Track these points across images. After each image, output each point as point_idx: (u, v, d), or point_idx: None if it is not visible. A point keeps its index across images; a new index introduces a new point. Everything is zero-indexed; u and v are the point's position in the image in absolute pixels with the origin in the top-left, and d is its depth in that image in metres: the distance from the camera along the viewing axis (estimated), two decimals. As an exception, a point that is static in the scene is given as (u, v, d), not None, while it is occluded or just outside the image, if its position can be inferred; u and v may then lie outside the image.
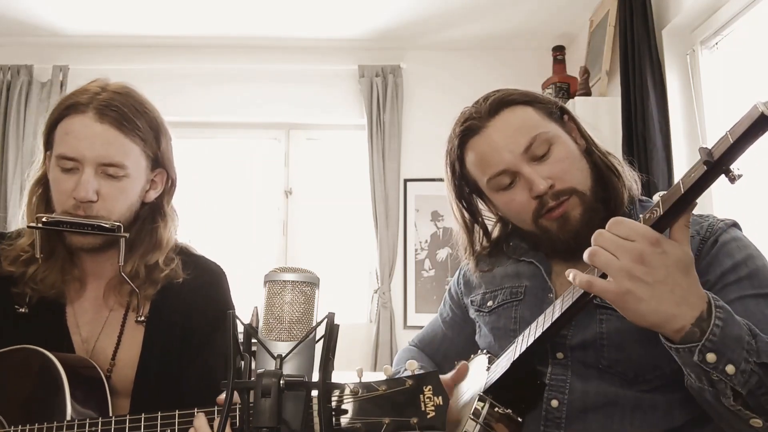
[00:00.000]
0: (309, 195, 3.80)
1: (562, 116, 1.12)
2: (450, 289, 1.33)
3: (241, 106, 3.74)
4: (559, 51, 3.52)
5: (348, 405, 0.67)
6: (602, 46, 3.06)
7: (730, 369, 0.76)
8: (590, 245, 1.03)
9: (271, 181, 3.81)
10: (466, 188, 1.19)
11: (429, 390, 0.67)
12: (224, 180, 3.76)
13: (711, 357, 0.76)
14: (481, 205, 1.22)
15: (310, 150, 3.87)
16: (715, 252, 0.97)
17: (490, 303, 1.17)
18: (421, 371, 0.73)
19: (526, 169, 1.04)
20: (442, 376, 1.07)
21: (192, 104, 3.62)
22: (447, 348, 1.30)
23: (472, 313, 1.22)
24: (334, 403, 0.67)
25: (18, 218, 3.41)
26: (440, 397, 0.67)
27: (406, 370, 1.22)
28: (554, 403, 0.99)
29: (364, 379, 0.71)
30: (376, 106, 3.66)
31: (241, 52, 3.71)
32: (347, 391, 0.68)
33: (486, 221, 1.25)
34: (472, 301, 1.23)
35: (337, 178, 3.84)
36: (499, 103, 1.09)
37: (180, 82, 3.60)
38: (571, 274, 0.83)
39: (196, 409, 0.94)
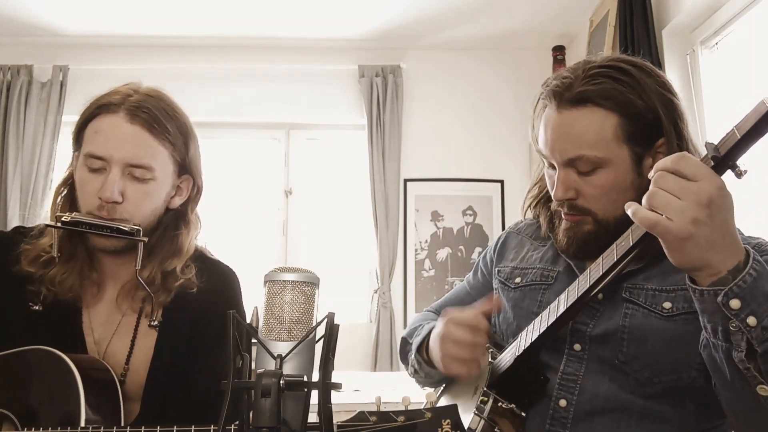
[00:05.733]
0: (309, 195, 3.80)
1: (653, 141, 1.00)
2: (485, 256, 1.30)
3: (241, 106, 3.74)
4: (559, 51, 3.52)
5: None
6: (602, 46, 3.06)
7: (751, 320, 0.74)
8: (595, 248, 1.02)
9: (271, 181, 3.81)
10: None
11: (447, 424, 0.67)
12: (224, 180, 3.76)
13: (735, 303, 0.74)
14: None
15: (310, 150, 3.87)
16: None
17: (518, 279, 1.15)
18: (441, 403, 0.72)
19: (561, 172, 1.02)
20: (469, 307, 1.07)
21: (192, 104, 3.56)
22: None
23: (496, 283, 1.20)
24: None
25: (17, 218, 3.41)
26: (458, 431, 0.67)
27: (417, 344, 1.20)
28: (563, 402, 0.99)
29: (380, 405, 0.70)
30: (376, 106, 3.66)
31: (241, 52, 3.71)
32: (364, 419, 0.67)
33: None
34: (498, 271, 1.21)
35: (337, 178, 3.84)
36: (584, 98, 0.98)
37: (180, 82, 3.59)
38: (631, 208, 0.80)
39: (212, 426, 0.94)
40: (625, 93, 0.98)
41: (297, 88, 3.75)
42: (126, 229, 1.09)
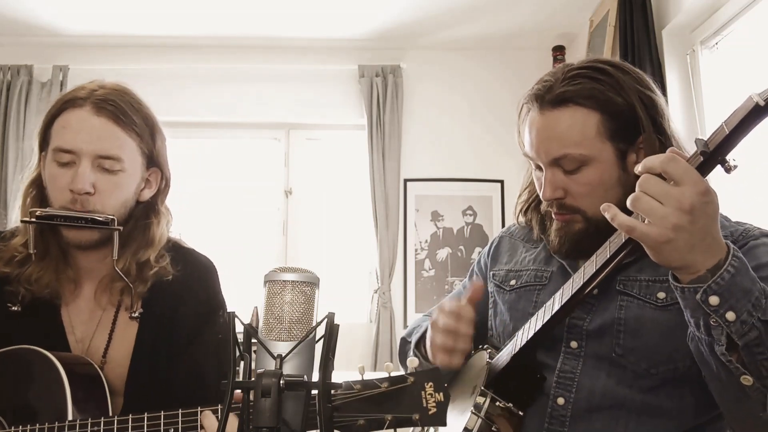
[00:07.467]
0: (309, 195, 3.80)
1: (635, 137, 1.02)
2: (479, 261, 1.32)
3: (241, 106, 3.74)
4: (559, 51, 3.53)
5: (350, 402, 0.67)
6: (602, 46, 3.06)
7: (730, 315, 0.76)
8: (594, 248, 1.03)
9: (271, 181, 3.81)
10: None
11: (430, 387, 0.68)
12: (224, 180, 3.76)
13: (714, 300, 0.76)
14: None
15: (310, 150, 3.87)
16: (743, 254, 0.96)
17: (513, 282, 1.16)
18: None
19: (547, 172, 1.04)
20: (454, 299, 1.09)
21: (192, 104, 3.62)
22: None
23: (491, 287, 1.22)
24: (336, 401, 0.67)
25: (17, 218, 3.41)
26: (441, 394, 0.68)
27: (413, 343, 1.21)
28: (560, 400, 0.99)
29: (366, 377, 0.71)
30: (376, 106, 3.66)
31: (241, 52, 3.71)
32: (350, 388, 0.68)
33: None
34: (493, 275, 1.22)
35: (337, 178, 3.84)
36: (565, 98, 1.01)
37: (180, 82, 3.60)
38: (609, 212, 0.81)
39: (199, 408, 0.95)
40: (604, 91, 1.00)
41: (297, 88, 3.75)
42: (101, 219, 1.10)
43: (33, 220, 1.10)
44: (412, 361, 0.76)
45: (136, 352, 1.17)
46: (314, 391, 0.63)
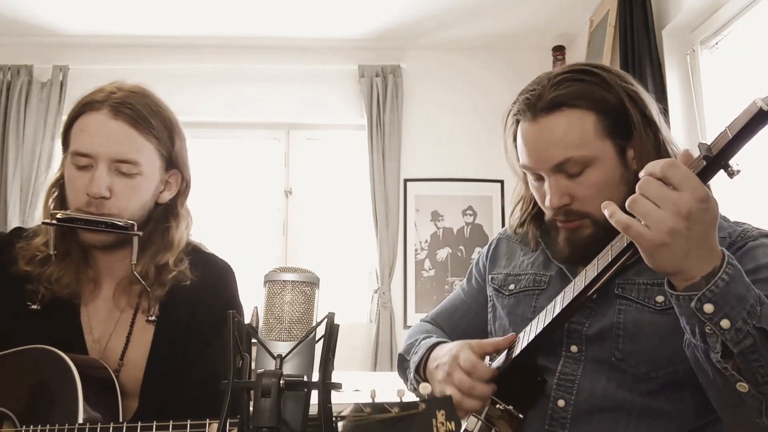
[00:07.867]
0: (309, 195, 3.80)
1: (630, 132, 1.01)
2: (477, 263, 1.30)
3: (241, 106, 3.74)
4: (559, 51, 3.53)
5: (359, 425, 0.66)
6: (602, 46, 3.06)
7: (725, 323, 0.76)
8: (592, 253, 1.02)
9: (271, 181, 3.82)
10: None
11: (442, 414, 0.67)
12: (224, 180, 3.76)
13: (708, 307, 0.76)
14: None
15: (310, 150, 3.87)
16: (740, 255, 0.95)
17: (512, 286, 1.16)
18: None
19: (550, 180, 1.02)
20: (482, 341, 1.05)
21: (192, 104, 3.62)
22: (469, 322, 1.26)
23: (490, 291, 1.21)
24: (344, 424, 0.67)
25: (17, 218, 3.41)
26: (453, 422, 0.67)
27: (419, 342, 1.20)
28: (561, 402, 0.99)
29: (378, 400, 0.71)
30: (376, 106, 3.66)
31: (241, 52, 3.71)
32: (359, 411, 0.68)
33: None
34: (492, 278, 1.21)
35: (337, 178, 3.84)
36: (558, 102, 1.00)
37: (180, 82, 3.60)
38: (608, 209, 0.81)
39: (208, 420, 0.94)
40: (595, 91, 1.00)
41: (297, 88, 3.75)
42: (121, 223, 1.10)
43: (53, 222, 1.10)
44: (425, 387, 0.75)
45: (151, 355, 1.17)
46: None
